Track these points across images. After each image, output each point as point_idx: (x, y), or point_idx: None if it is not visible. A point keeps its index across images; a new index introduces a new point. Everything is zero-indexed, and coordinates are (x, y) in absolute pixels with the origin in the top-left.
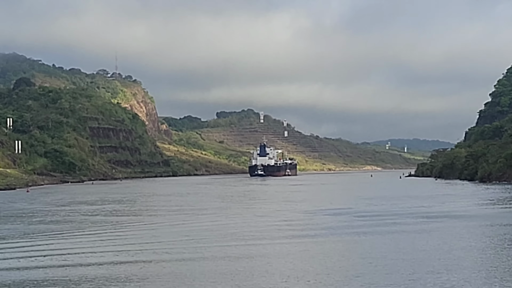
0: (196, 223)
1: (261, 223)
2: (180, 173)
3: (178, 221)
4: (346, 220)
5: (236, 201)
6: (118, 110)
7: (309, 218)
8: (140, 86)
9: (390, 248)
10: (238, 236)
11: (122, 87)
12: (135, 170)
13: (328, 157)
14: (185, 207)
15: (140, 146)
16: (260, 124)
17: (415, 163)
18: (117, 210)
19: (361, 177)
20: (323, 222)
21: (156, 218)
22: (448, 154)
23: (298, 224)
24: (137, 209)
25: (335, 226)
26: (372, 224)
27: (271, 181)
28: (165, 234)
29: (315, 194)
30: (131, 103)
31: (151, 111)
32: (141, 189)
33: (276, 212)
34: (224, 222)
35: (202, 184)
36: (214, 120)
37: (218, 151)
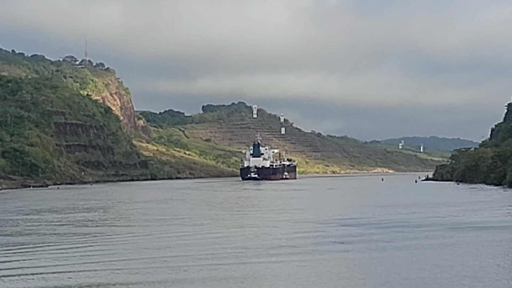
0: (178, 236)
1: (255, 236)
2: (160, 176)
3: (157, 233)
4: (356, 232)
5: (225, 209)
6: (88, 103)
7: (312, 230)
8: (114, 75)
9: (411, 266)
10: (228, 252)
11: (92, 77)
12: (107, 172)
13: (331, 158)
14: (166, 217)
15: (113, 145)
16: (253, 119)
17: (433, 165)
18: (87, 220)
19: (370, 181)
20: (329, 235)
21: (132, 229)
22: (472, 154)
23: (299, 237)
24: (110, 218)
25: (344, 240)
26: (388, 238)
27: (267, 186)
28: (142, 250)
29: (318, 201)
30: (103, 95)
31: (126, 105)
32: (115, 195)
33: (273, 223)
34: (212, 234)
35: (186, 189)
36: (200, 114)
37: (204, 151)
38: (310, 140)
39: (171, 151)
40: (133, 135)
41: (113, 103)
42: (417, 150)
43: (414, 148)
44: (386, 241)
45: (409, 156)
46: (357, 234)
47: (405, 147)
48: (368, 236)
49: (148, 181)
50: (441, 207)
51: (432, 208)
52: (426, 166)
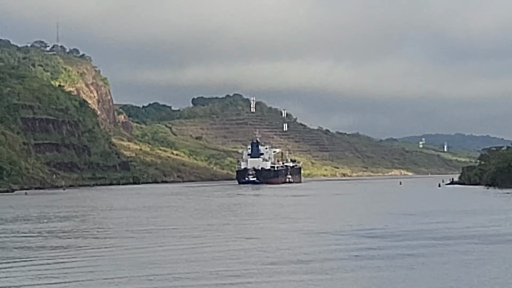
0: (166, 250)
1: (254, 249)
2: (143, 179)
3: (140, 246)
4: (375, 246)
5: (219, 218)
6: (60, 95)
7: (320, 243)
8: (90, 63)
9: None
10: (224, 268)
11: (65, 65)
12: (83, 175)
13: (341, 159)
14: (152, 227)
15: (90, 144)
16: (251, 114)
17: (458, 167)
18: (60, 231)
19: (386, 185)
20: (344, 249)
21: (112, 242)
22: (504, 154)
23: (305, 251)
24: (86, 229)
25: (361, 255)
26: (413, 252)
27: (267, 191)
28: (123, 266)
29: (328, 209)
30: (77, 86)
31: (104, 97)
32: (92, 202)
33: (274, 234)
34: (203, 248)
35: (174, 195)
36: (189, 108)
37: (195, 151)
38: (317, 138)
39: (156, 151)
40: (113, 132)
41: (89, 96)
42: (440, 149)
43: (437, 147)
44: (412, 256)
45: (431, 157)
46: (376, 248)
47: (427, 146)
48: (390, 250)
49: (129, 185)
50: (471, 216)
51: (460, 217)
52: (451, 168)
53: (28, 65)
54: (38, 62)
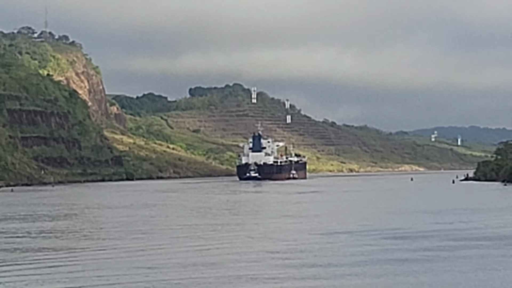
0: (166, 253)
1: (258, 250)
2: (137, 175)
3: (138, 248)
4: (389, 247)
5: (222, 217)
6: (48, 85)
7: (330, 243)
8: (81, 51)
9: None
10: (233, 272)
11: (54, 53)
12: (73, 171)
13: (348, 153)
14: (146, 227)
15: (80, 137)
16: (252, 105)
17: (473, 161)
18: (47, 231)
19: (397, 181)
20: (356, 252)
21: (105, 243)
22: None
23: (313, 252)
24: (76, 229)
25: (374, 258)
26: (432, 255)
27: (270, 187)
28: (119, 270)
29: (337, 207)
30: (67, 76)
31: (96, 87)
32: (83, 199)
33: (280, 234)
34: (209, 250)
35: (170, 192)
36: (186, 99)
37: (192, 144)
38: (322, 130)
39: (151, 145)
40: (105, 124)
41: (79, 85)
42: (454, 143)
43: (450, 140)
44: (430, 259)
45: (443, 151)
46: (393, 250)
47: (439, 140)
48: (407, 252)
49: (123, 181)
50: (490, 215)
51: (479, 216)
52: (465, 163)
53: (15, 52)
54: (25, 50)
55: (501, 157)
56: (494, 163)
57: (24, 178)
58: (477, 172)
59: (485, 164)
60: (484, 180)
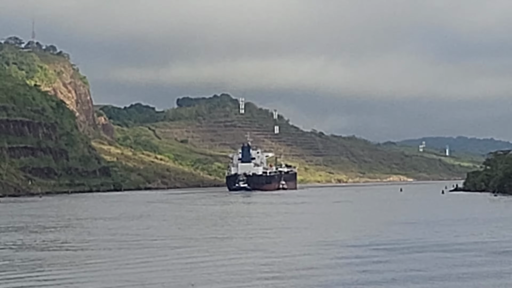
0: (150, 265)
1: (251, 263)
2: (125, 186)
3: (125, 262)
4: (382, 259)
5: (208, 228)
6: (36, 95)
7: (324, 256)
8: (68, 61)
9: None
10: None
11: (41, 63)
12: (60, 182)
13: (336, 164)
14: (133, 240)
15: (67, 148)
16: (240, 115)
17: (461, 172)
18: (34, 243)
19: (386, 192)
20: (349, 263)
21: (93, 256)
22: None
23: (306, 265)
24: (64, 242)
25: (366, 270)
26: (426, 267)
27: (260, 198)
28: (109, 285)
29: (327, 217)
30: (54, 86)
31: (83, 97)
32: (71, 210)
33: (271, 247)
34: (196, 260)
35: (158, 203)
36: (174, 110)
37: (180, 155)
38: (310, 141)
39: (139, 155)
40: (92, 135)
41: (67, 96)
42: (442, 153)
43: (438, 151)
44: (424, 271)
45: (431, 161)
46: (385, 262)
47: (427, 150)
48: (400, 264)
49: (110, 192)
50: (484, 225)
51: (473, 227)
52: (453, 173)
53: (2, 63)
54: (12, 60)
55: (490, 167)
56: (484, 174)
57: (11, 189)
58: (467, 183)
59: (475, 175)
60: (474, 190)
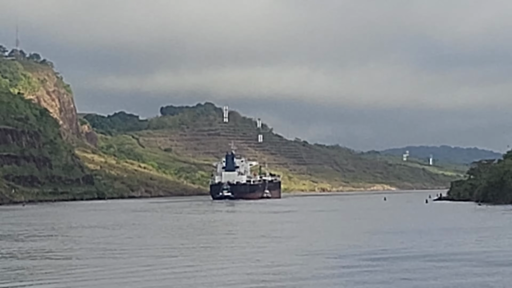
0: (134, 275)
1: (237, 273)
2: (109, 194)
3: (110, 269)
4: (365, 268)
5: (192, 237)
6: (19, 103)
7: (309, 266)
8: (51, 69)
9: None
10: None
11: (25, 71)
12: (44, 190)
13: (320, 172)
14: (117, 249)
15: (51, 156)
16: (224, 124)
17: (445, 181)
18: (16, 252)
19: (370, 201)
20: (334, 274)
21: (76, 265)
22: (496, 168)
23: (291, 275)
24: (47, 250)
25: (350, 280)
26: (410, 277)
27: (244, 207)
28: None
29: (311, 226)
30: (38, 94)
31: (67, 106)
32: (54, 219)
33: (254, 255)
34: (180, 270)
35: (142, 212)
36: (158, 118)
37: (164, 163)
38: (294, 150)
39: (123, 164)
40: (76, 143)
41: (50, 104)
42: (425, 162)
43: (422, 160)
44: (409, 280)
45: (415, 170)
46: (370, 271)
47: (411, 159)
48: (385, 274)
49: (94, 200)
50: (469, 235)
51: (458, 236)
52: (437, 182)
53: None
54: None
55: (474, 176)
56: (468, 183)
57: None
58: (451, 192)
59: (459, 184)
60: (458, 199)
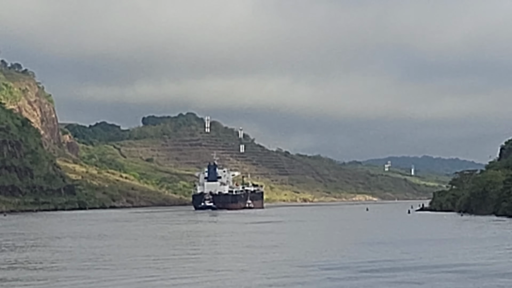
0: (114, 285)
1: (218, 286)
2: (90, 204)
3: (90, 280)
4: (346, 279)
5: (174, 247)
6: (0, 113)
7: (293, 277)
8: (33, 79)
9: None
10: None
11: (6, 81)
12: (25, 200)
13: (302, 183)
14: (97, 259)
15: (32, 166)
16: (205, 134)
17: (427, 191)
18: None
19: (352, 211)
20: None
21: (56, 274)
22: (478, 178)
23: (273, 286)
24: (27, 261)
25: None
26: None
27: (225, 217)
28: None
29: (293, 237)
30: (19, 104)
31: (48, 116)
32: (35, 229)
33: (239, 266)
34: (158, 283)
35: (123, 222)
36: (139, 128)
37: (145, 173)
38: (276, 160)
39: (104, 174)
40: (57, 153)
41: (32, 114)
42: (407, 173)
43: (404, 170)
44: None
45: (397, 181)
46: (351, 283)
47: (392, 170)
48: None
49: (75, 210)
50: (450, 245)
51: (441, 247)
52: (419, 193)
53: None
54: None
55: (456, 187)
56: (450, 193)
57: None
58: (433, 202)
59: (441, 194)
60: (440, 210)
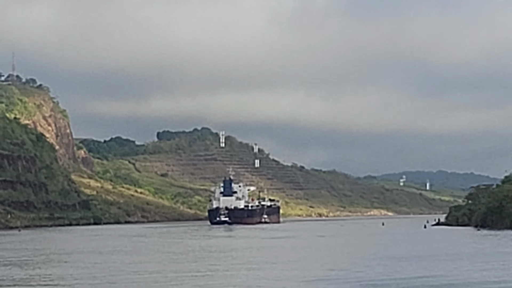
0: None
1: None
2: (105, 219)
3: None
4: None
5: (191, 263)
6: (15, 128)
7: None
8: (48, 94)
9: None
10: None
11: (21, 96)
12: (40, 215)
13: (317, 197)
14: (114, 275)
15: (47, 181)
16: (220, 149)
17: (442, 206)
18: (10, 279)
19: (368, 226)
20: None
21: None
22: (495, 193)
23: None
24: (44, 277)
25: None
26: None
27: (242, 232)
28: None
29: (311, 252)
30: (34, 119)
31: (63, 131)
32: (50, 244)
33: (256, 282)
34: None
35: (138, 237)
36: (154, 143)
37: (160, 188)
38: (291, 175)
39: (119, 189)
40: (72, 168)
41: (47, 129)
42: (422, 187)
43: (418, 185)
44: None
45: (412, 195)
46: None
47: (407, 184)
48: None
49: (90, 225)
50: (479, 259)
51: (461, 262)
52: (434, 208)
53: None
54: None
55: (472, 201)
56: (466, 208)
57: None
58: (449, 217)
59: (457, 209)
60: (456, 225)
